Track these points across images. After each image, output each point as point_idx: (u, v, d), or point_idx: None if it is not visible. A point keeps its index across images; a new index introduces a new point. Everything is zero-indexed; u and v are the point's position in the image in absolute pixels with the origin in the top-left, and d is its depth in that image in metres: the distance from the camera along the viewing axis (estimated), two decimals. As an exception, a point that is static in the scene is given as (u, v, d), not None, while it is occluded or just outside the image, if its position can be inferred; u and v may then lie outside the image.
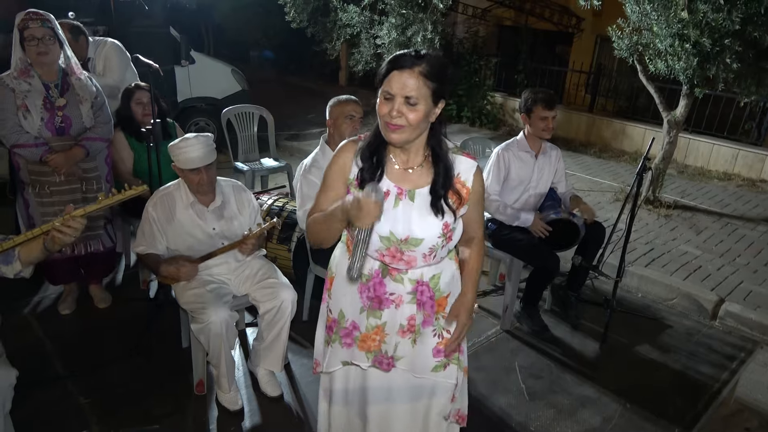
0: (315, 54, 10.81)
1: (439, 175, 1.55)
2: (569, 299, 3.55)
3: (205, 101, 6.72)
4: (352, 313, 1.68)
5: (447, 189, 1.55)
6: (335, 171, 1.61)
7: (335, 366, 1.73)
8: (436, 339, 1.70)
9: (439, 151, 1.56)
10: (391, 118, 1.43)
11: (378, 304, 1.64)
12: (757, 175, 6.74)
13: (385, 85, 1.44)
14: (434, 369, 1.70)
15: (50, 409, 2.55)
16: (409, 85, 1.40)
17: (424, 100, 1.43)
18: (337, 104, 2.90)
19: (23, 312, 3.30)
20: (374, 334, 1.66)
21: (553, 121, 3.15)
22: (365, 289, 1.64)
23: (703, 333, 3.51)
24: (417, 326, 1.66)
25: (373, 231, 1.45)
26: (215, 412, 2.60)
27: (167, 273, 2.51)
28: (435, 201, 1.54)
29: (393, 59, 1.44)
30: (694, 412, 2.77)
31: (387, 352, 1.68)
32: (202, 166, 2.50)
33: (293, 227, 3.44)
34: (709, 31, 4.24)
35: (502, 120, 9.26)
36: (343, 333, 1.70)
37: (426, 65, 1.41)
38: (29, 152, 2.81)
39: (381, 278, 1.62)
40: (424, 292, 1.63)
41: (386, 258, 1.57)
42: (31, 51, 2.74)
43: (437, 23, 6.72)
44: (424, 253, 1.56)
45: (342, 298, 1.69)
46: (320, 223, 1.55)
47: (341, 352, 1.72)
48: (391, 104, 1.43)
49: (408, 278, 1.61)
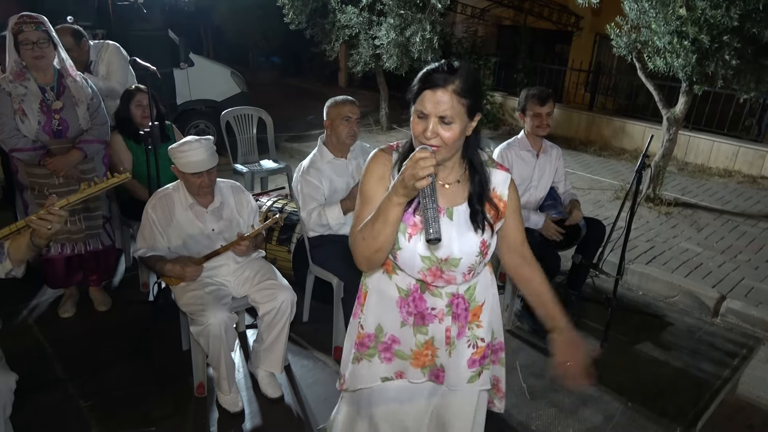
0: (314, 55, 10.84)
1: (475, 187, 1.52)
2: (570, 298, 3.54)
3: (205, 104, 6.73)
4: (392, 328, 1.65)
5: (484, 202, 1.53)
6: (374, 181, 1.54)
7: (371, 383, 1.69)
8: (471, 349, 1.67)
9: (475, 164, 1.52)
10: (427, 139, 1.38)
11: (421, 320, 1.62)
12: (758, 172, 6.72)
13: (418, 104, 1.39)
14: (470, 380, 1.68)
15: (51, 413, 2.55)
16: (443, 103, 1.36)
17: (459, 118, 1.38)
18: (334, 105, 2.90)
19: (23, 316, 3.30)
20: (425, 350, 1.64)
21: (548, 117, 3.14)
22: (405, 304, 1.62)
23: (705, 330, 3.50)
24: (452, 338, 1.63)
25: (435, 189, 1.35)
26: (216, 414, 2.59)
27: (173, 273, 2.51)
28: (474, 215, 1.51)
29: (425, 77, 1.39)
30: (695, 410, 2.76)
31: (441, 365, 1.66)
32: (204, 170, 2.50)
33: (293, 228, 3.44)
34: (707, 28, 4.24)
35: (502, 119, 9.26)
36: (381, 347, 1.67)
37: (459, 82, 1.36)
38: (27, 156, 2.82)
39: (420, 293, 1.60)
40: (459, 305, 1.61)
41: (428, 278, 1.55)
42: (26, 54, 2.74)
43: (436, 23, 6.72)
44: (464, 272, 1.54)
45: (380, 313, 1.66)
46: (373, 224, 1.43)
47: (380, 368, 1.68)
48: (425, 123, 1.38)
49: (445, 292, 1.60)
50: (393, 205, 1.36)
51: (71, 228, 3.01)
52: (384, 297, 1.64)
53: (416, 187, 1.29)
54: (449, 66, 1.37)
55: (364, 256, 1.48)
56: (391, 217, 1.38)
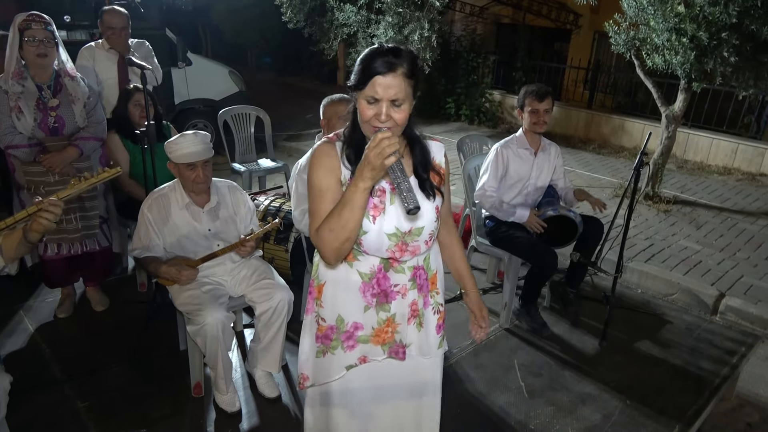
0: (312, 54, 10.82)
1: (417, 156, 1.59)
2: (568, 296, 3.53)
3: (203, 103, 6.72)
4: (353, 315, 1.66)
5: (428, 169, 1.61)
6: (324, 173, 1.55)
7: (337, 374, 1.70)
8: (436, 316, 1.75)
9: (412, 135, 1.59)
10: (381, 122, 1.42)
11: (385, 298, 1.65)
12: (757, 169, 6.72)
13: (369, 90, 1.42)
14: (439, 345, 1.77)
15: (48, 413, 2.54)
16: (394, 87, 1.40)
17: (408, 99, 1.44)
18: (330, 104, 2.88)
19: (20, 316, 3.29)
20: (386, 326, 1.68)
21: (545, 114, 3.13)
22: (368, 287, 1.63)
23: (704, 328, 3.49)
24: (420, 310, 1.69)
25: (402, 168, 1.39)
26: (213, 414, 2.58)
27: (169, 275, 2.50)
28: (422, 182, 1.58)
29: (370, 62, 1.41)
30: (695, 407, 2.75)
31: (402, 341, 1.70)
32: (198, 161, 2.49)
33: (291, 227, 3.43)
34: (706, 25, 4.23)
35: (501, 117, 9.25)
36: (344, 337, 1.67)
37: (407, 64, 1.41)
38: (23, 153, 2.82)
39: (384, 272, 1.63)
40: (421, 276, 1.67)
41: (396, 253, 1.59)
42: (30, 51, 2.74)
43: (434, 21, 6.71)
44: (426, 240, 1.61)
45: (339, 304, 1.66)
46: (340, 214, 1.43)
47: (344, 357, 1.69)
48: (377, 107, 1.42)
49: (407, 266, 1.64)
50: (359, 191, 1.39)
51: (67, 227, 3.00)
52: (343, 286, 1.65)
53: (385, 165, 1.34)
54: (394, 50, 1.42)
55: (333, 248, 1.48)
56: (358, 203, 1.41)
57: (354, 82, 1.46)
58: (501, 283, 3.77)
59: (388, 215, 1.54)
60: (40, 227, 1.76)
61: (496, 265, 3.93)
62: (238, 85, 6.98)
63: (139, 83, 3.02)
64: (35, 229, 1.76)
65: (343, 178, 1.55)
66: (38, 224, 1.75)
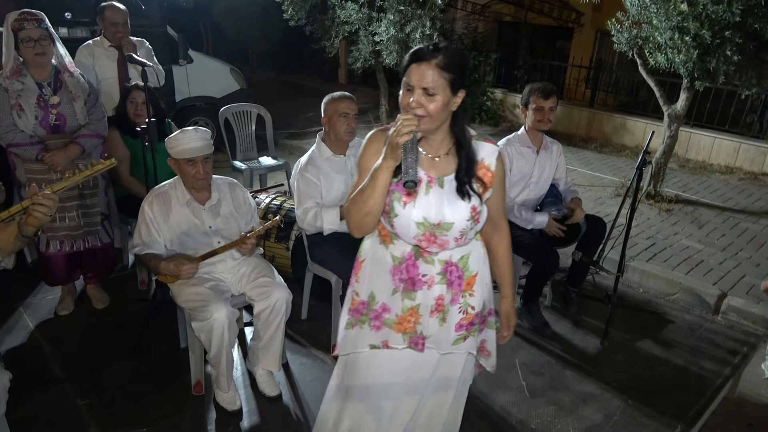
0: (314, 52, 10.79)
1: (462, 162, 1.64)
2: (570, 295, 3.52)
3: (204, 100, 6.70)
4: (383, 296, 1.74)
5: (470, 176, 1.64)
6: (369, 155, 1.67)
7: (362, 348, 1.78)
8: (461, 315, 1.76)
9: (462, 140, 1.64)
10: (412, 109, 1.51)
11: (411, 286, 1.70)
12: (759, 169, 6.70)
13: (406, 77, 1.53)
14: (455, 342, 1.78)
15: (48, 412, 2.54)
16: (426, 76, 1.48)
17: (442, 91, 1.50)
18: (331, 102, 2.87)
19: (21, 314, 3.28)
20: (409, 315, 1.73)
21: (550, 112, 3.12)
22: (397, 271, 1.71)
23: (706, 328, 3.48)
24: (445, 305, 1.73)
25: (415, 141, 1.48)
26: (213, 412, 2.58)
27: (168, 271, 2.49)
28: (460, 187, 1.63)
29: (412, 52, 1.53)
30: (696, 407, 2.74)
31: (422, 333, 1.74)
32: (198, 156, 2.48)
33: (292, 226, 3.42)
34: (709, 24, 4.21)
35: (503, 116, 9.23)
36: (372, 315, 1.76)
37: (443, 57, 1.48)
38: (25, 151, 2.81)
39: (414, 260, 1.69)
40: (452, 272, 1.71)
41: (423, 242, 1.65)
42: (27, 52, 2.73)
43: (436, 19, 6.69)
44: (456, 236, 1.64)
45: (373, 281, 1.76)
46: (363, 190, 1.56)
47: (369, 335, 1.76)
48: (411, 95, 1.51)
49: (438, 259, 1.69)
50: (382, 169, 1.51)
51: (69, 224, 3.00)
52: (378, 265, 1.74)
53: (399, 143, 1.43)
54: (435, 45, 1.52)
55: (355, 221, 1.63)
56: (379, 181, 1.52)
57: (401, 72, 1.58)
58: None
59: (419, 204, 1.61)
60: (35, 221, 1.76)
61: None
62: (239, 83, 6.97)
63: (140, 80, 3.01)
64: (30, 223, 1.76)
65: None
66: (33, 218, 1.75)
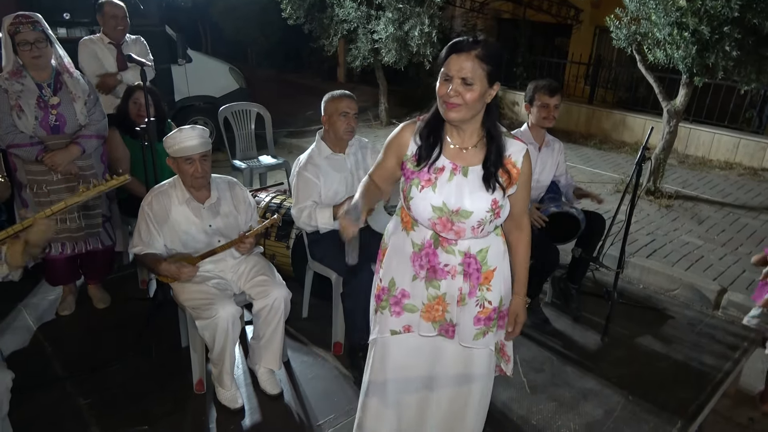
0: (312, 51, 10.79)
1: (491, 153, 1.67)
2: (570, 291, 3.52)
3: (203, 100, 6.71)
4: (403, 282, 1.80)
5: (498, 167, 1.67)
6: (392, 146, 1.76)
7: (383, 333, 1.84)
8: (477, 308, 1.80)
9: (493, 132, 1.68)
10: (449, 98, 1.56)
11: (434, 274, 1.75)
12: (759, 164, 6.70)
13: (445, 68, 1.57)
14: (475, 337, 1.82)
15: (50, 411, 2.55)
16: (465, 67, 1.53)
17: (479, 81, 1.55)
18: (331, 100, 2.87)
19: (22, 313, 3.29)
20: (437, 304, 1.78)
21: (555, 110, 3.12)
22: (417, 258, 1.76)
23: (706, 323, 3.48)
24: (464, 296, 1.77)
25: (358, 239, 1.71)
26: (215, 411, 2.58)
27: (168, 273, 2.50)
28: (487, 176, 1.66)
29: (452, 44, 1.58)
30: (697, 403, 2.74)
31: (452, 321, 1.79)
32: (196, 154, 2.48)
33: (292, 224, 3.42)
34: (707, 19, 4.21)
35: (501, 113, 9.23)
36: (392, 301, 1.81)
37: (482, 49, 1.54)
38: (25, 152, 2.81)
39: (434, 249, 1.74)
40: (471, 264, 1.74)
41: (438, 226, 1.69)
42: (25, 55, 2.73)
43: (434, 17, 6.70)
44: (473, 225, 1.67)
45: (393, 268, 1.82)
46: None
47: (390, 321, 1.83)
48: (449, 85, 1.56)
49: (458, 250, 1.73)
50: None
51: (71, 226, 3.00)
52: (399, 252, 1.81)
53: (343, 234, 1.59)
54: (474, 37, 1.57)
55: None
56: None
57: (438, 63, 1.62)
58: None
59: (439, 189, 1.67)
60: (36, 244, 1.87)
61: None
62: (239, 82, 6.97)
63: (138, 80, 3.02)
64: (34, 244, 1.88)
65: (409, 152, 1.74)
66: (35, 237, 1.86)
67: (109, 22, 3.75)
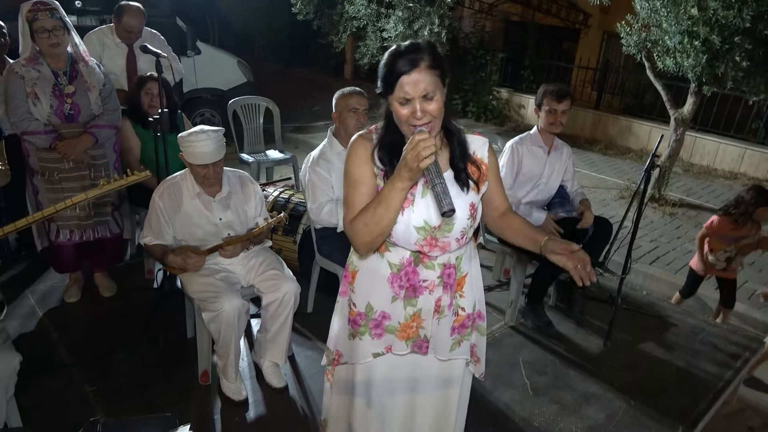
0: (321, 47, 10.80)
1: (455, 148, 1.58)
2: (574, 295, 3.54)
3: (211, 92, 6.72)
4: (382, 305, 1.69)
5: (465, 161, 1.58)
6: (360, 164, 1.57)
7: (366, 358, 1.75)
8: (453, 317, 1.73)
9: (450, 127, 1.58)
10: (418, 120, 1.42)
11: (413, 292, 1.66)
12: (764, 175, 6.72)
13: (398, 92, 1.42)
14: (451, 348, 1.75)
15: (55, 397, 2.56)
16: (422, 82, 1.40)
17: (438, 89, 1.44)
18: (341, 97, 2.89)
19: (28, 300, 3.30)
20: (412, 321, 1.69)
21: (562, 115, 3.13)
22: (396, 279, 1.65)
23: (708, 331, 3.50)
24: (443, 307, 1.69)
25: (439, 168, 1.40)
26: (219, 402, 2.60)
27: (175, 264, 2.52)
28: (458, 174, 1.56)
29: (393, 65, 1.42)
30: (698, 410, 2.76)
31: (426, 336, 1.72)
32: (210, 162, 2.49)
33: (299, 219, 3.44)
34: (719, 29, 4.22)
35: (508, 115, 9.25)
36: (372, 324, 1.71)
37: (428, 56, 1.41)
38: (39, 139, 2.82)
39: (414, 267, 1.64)
40: (450, 275, 1.67)
41: (424, 247, 1.59)
42: (42, 42, 2.74)
43: (444, 17, 6.70)
44: (457, 237, 1.59)
45: (369, 292, 1.70)
46: (375, 210, 1.47)
47: (372, 344, 1.73)
48: (411, 106, 1.43)
49: (437, 263, 1.64)
50: (397, 191, 1.42)
51: (80, 214, 3.01)
52: (373, 275, 1.68)
53: (421, 167, 1.35)
54: (412, 46, 1.42)
55: (365, 242, 1.54)
56: (393, 202, 1.45)
57: (382, 89, 1.47)
58: (507, 281, 3.78)
59: (417, 208, 1.55)
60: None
61: (502, 262, 3.94)
62: (246, 76, 6.98)
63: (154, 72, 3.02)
64: None
65: (377, 169, 1.58)
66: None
67: (122, 33, 3.66)
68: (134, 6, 3.66)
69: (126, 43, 3.72)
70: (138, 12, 3.65)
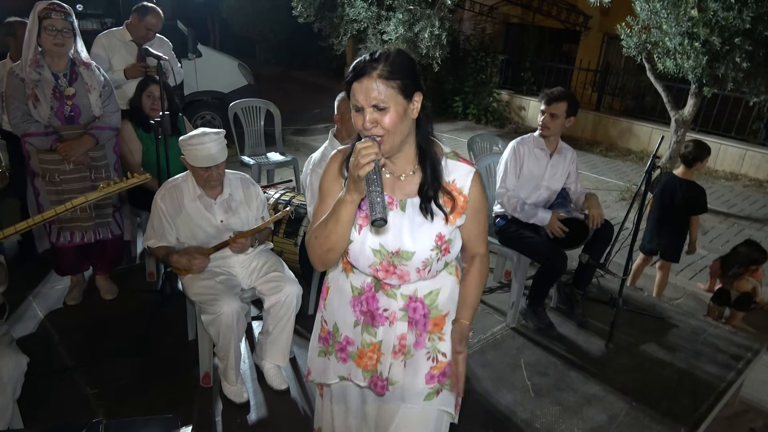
0: (321, 49, 10.81)
1: (426, 175, 1.45)
2: (575, 297, 3.53)
3: (212, 95, 6.73)
4: (346, 328, 1.62)
5: (436, 189, 1.45)
6: (330, 179, 1.53)
7: (332, 379, 1.69)
8: (430, 363, 1.59)
9: (425, 147, 1.46)
10: (367, 130, 1.34)
11: (371, 320, 1.56)
12: (765, 176, 6.72)
13: (352, 99, 1.37)
14: (427, 397, 1.61)
15: (57, 399, 2.56)
16: (372, 91, 1.32)
17: (393, 101, 1.33)
18: (344, 100, 2.90)
19: (30, 302, 3.30)
20: (370, 351, 1.58)
21: (551, 119, 3.14)
22: (357, 302, 1.57)
23: (709, 333, 3.50)
24: (408, 347, 1.57)
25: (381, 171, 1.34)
26: (221, 404, 2.60)
27: (180, 264, 2.52)
28: (424, 203, 1.44)
29: (352, 71, 1.36)
30: (699, 411, 2.76)
31: (382, 374, 1.59)
32: (212, 165, 2.50)
33: (300, 221, 3.44)
34: (719, 30, 4.23)
35: (508, 118, 9.25)
36: (338, 347, 1.65)
37: (383, 66, 1.33)
38: (39, 141, 2.83)
39: (374, 292, 1.54)
40: (417, 309, 1.54)
41: (380, 273, 1.49)
42: (47, 40, 2.75)
43: (444, 19, 6.72)
44: (418, 267, 1.48)
45: (336, 311, 1.63)
46: (326, 224, 1.43)
47: (338, 367, 1.67)
48: (362, 116, 1.35)
49: (401, 293, 1.53)
50: (345, 203, 1.36)
51: (81, 216, 3.02)
52: (339, 294, 1.62)
53: (360, 175, 1.27)
54: (371, 55, 1.36)
55: (317, 255, 1.48)
56: (342, 216, 1.38)
57: (345, 93, 1.41)
58: (508, 283, 3.78)
59: (375, 229, 1.45)
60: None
61: (503, 264, 3.95)
62: (247, 78, 6.99)
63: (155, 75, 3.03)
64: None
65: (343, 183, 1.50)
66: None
67: (141, 30, 3.75)
68: (157, 9, 3.82)
69: (138, 42, 3.78)
70: (160, 14, 3.81)
